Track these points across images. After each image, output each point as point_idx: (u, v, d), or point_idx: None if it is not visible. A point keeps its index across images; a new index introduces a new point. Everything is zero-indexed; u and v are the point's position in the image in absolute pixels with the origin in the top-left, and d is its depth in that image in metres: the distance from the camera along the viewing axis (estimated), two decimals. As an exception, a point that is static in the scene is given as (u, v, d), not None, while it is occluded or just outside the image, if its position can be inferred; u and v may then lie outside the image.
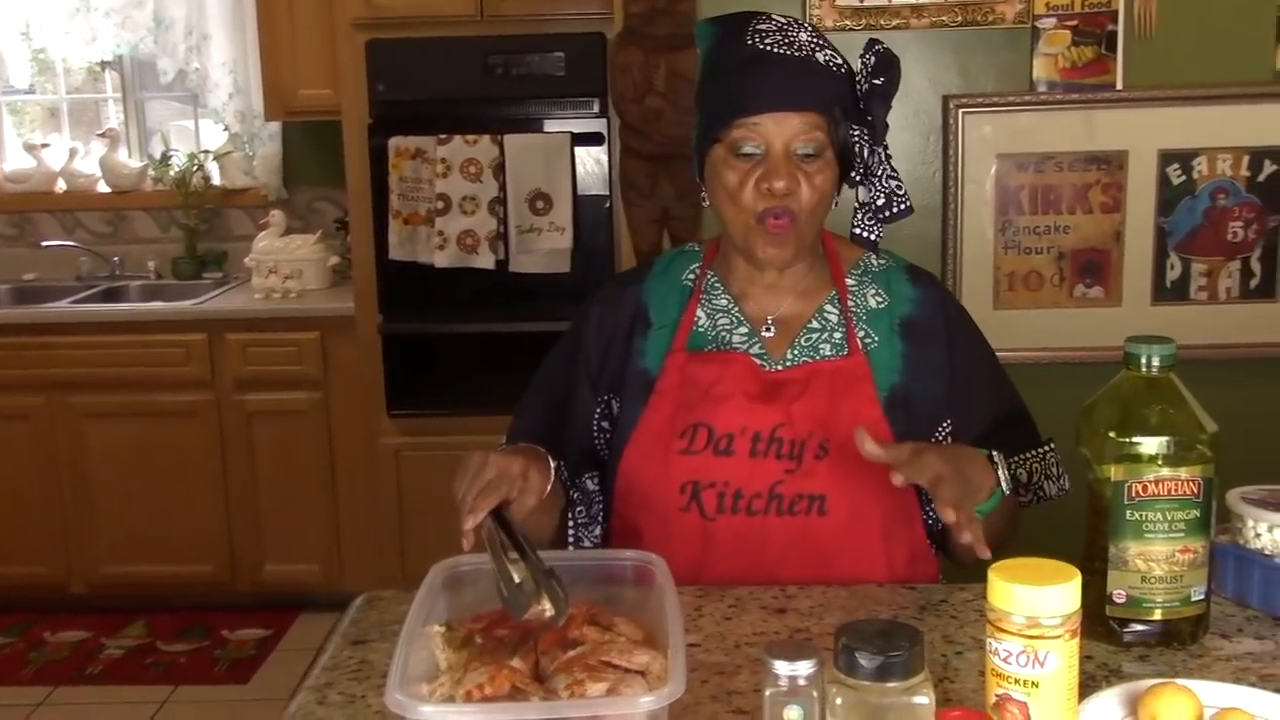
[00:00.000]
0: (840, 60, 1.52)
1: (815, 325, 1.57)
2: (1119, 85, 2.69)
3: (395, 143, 3.41)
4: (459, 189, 3.38)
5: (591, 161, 3.45)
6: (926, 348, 1.57)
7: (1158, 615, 1.28)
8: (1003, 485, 1.39)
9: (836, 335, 1.56)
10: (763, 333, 1.57)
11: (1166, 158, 2.72)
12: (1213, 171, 2.72)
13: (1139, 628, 1.29)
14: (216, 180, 4.38)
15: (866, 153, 1.49)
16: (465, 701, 1.06)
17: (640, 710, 1.03)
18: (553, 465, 1.43)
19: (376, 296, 3.55)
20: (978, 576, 1.11)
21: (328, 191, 4.30)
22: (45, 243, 4.34)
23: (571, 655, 1.12)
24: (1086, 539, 1.31)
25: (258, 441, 3.83)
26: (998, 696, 1.01)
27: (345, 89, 3.51)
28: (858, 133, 1.49)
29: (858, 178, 1.52)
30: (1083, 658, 1.06)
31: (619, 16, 2.84)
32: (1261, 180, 2.72)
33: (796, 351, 1.56)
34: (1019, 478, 1.58)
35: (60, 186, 4.44)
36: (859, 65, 1.51)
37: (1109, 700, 1.12)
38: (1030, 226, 2.76)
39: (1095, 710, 1.10)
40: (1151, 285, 2.77)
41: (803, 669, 0.98)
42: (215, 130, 4.38)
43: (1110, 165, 2.73)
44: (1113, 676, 1.23)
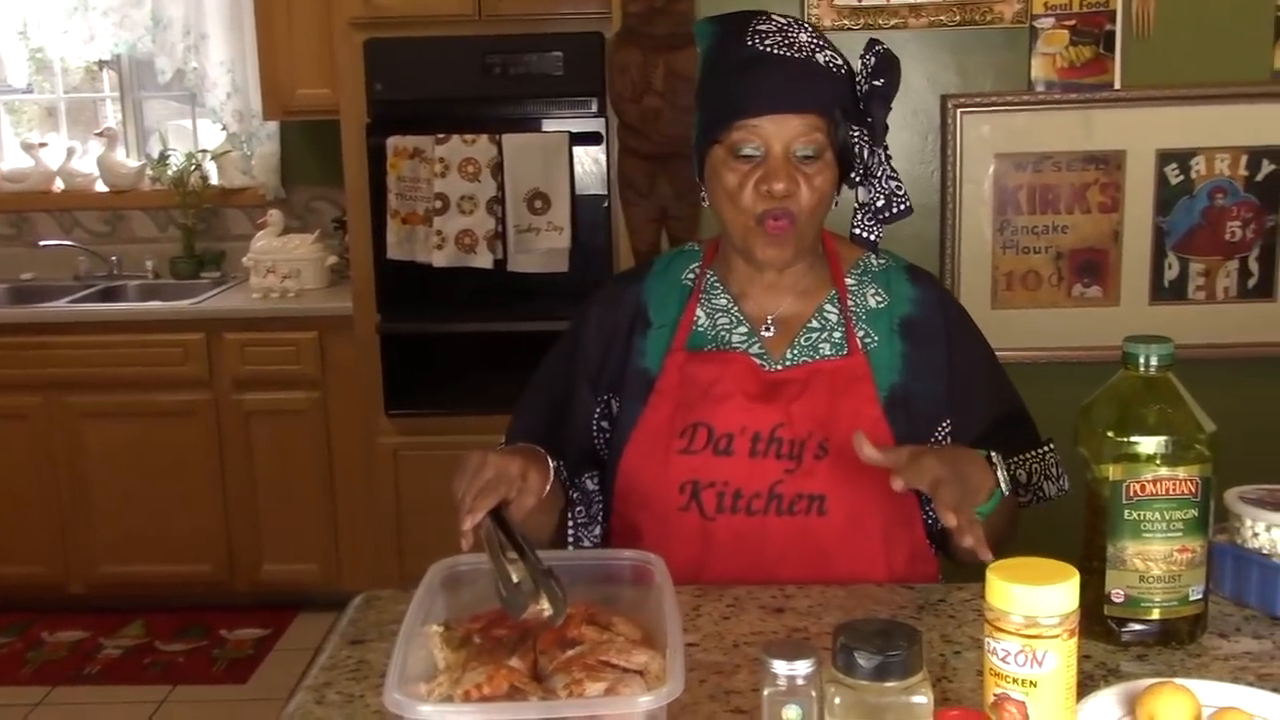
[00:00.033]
0: (841, 61, 1.51)
1: (815, 325, 1.57)
2: (1117, 85, 2.69)
3: (393, 142, 3.41)
4: (457, 188, 3.37)
5: (590, 161, 3.45)
6: (926, 347, 1.57)
7: (1156, 615, 1.28)
8: (1002, 486, 1.40)
9: (836, 335, 1.56)
10: (762, 332, 1.57)
11: (1164, 157, 2.72)
12: (1211, 171, 2.72)
13: (1137, 627, 1.29)
14: (214, 180, 4.37)
15: (866, 154, 1.49)
16: (463, 701, 1.06)
17: (639, 710, 1.02)
18: (552, 465, 1.43)
19: (374, 296, 3.55)
20: (976, 576, 1.11)
21: (326, 191, 4.30)
22: (43, 242, 4.34)
23: (570, 655, 1.12)
24: (1084, 538, 1.31)
25: (256, 441, 3.83)
26: (996, 696, 1.02)
27: (343, 88, 3.51)
28: (857, 134, 1.49)
29: (857, 178, 1.52)
30: (1081, 657, 1.06)
31: (617, 16, 2.84)
32: (1259, 180, 2.72)
33: (796, 351, 1.56)
34: (1018, 478, 1.58)
35: (58, 186, 4.44)
36: (859, 66, 1.51)
37: (1107, 700, 1.12)
38: (1028, 226, 2.76)
39: (1093, 710, 1.10)
40: (1149, 285, 2.77)
41: (801, 668, 0.98)
42: (213, 130, 4.37)
43: (1108, 165, 2.73)
44: (1111, 676, 1.23)
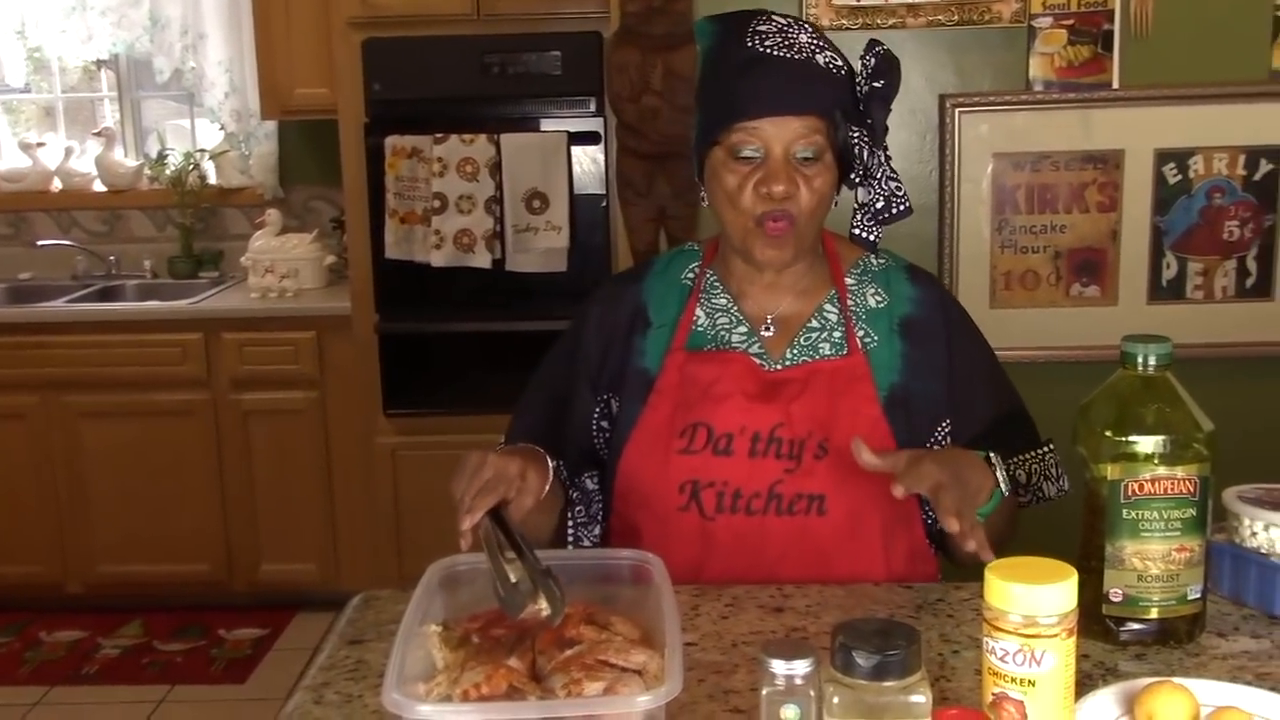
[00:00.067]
0: (841, 62, 1.51)
1: (815, 325, 1.57)
2: (1115, 84, 2.69)
3: (391, 142, 3.41)
4: (455, 188, 3.37)
5: (588, 160, 3.45)
6: (926, 347, 1.57)
7: (1154, 614, 1.28)
8: (1001, 487, 1.39)
9: (836, 335, 1.56)
10: (762, 332, 1.57)
11: (1163, 157, 2.73)
12: (1209, 170, 2.73)
13: (1135, 626, 1.29)
14: (212, 179, 4.37)
15: (866, 155, 1.49)
16: (462, 701, 1.06)
17: (637, 709, 1.02)
18: (551, 465, 1.43)
19: (373, 296, 3.55)
20: (975, 575, 1.11)
21: (324, 190, 4.30)
22: (41, 242, 4.33)
23: (568, 654, 1.12)
24: (1083, 538, 1.31)
25: (254, 441, 3.83)
26: (994, 695, 1.02)
27: (341, 88, 3.50)
28: (857, 135, 1.48)
29: (857, 179, 1.52)
30: (1079, 656, 1.06)
31: (615, 15, 2.84)
32: (1257, 179, 2.73)
33: (796, 351, 1.56)
34: (1018, 479, 1.58)
35: (56, 185, 4.43)
36: (859, 66, 1.50)
37: (1105, 699, 1.12)
38: (1027, 226, 2.76)
39: (1092, 709, 1.10)
40: (1148, 284, 2.78)
41: (799, 668, 0.98)
42: (211, 129, 4.37)
43: (1106, 164, 2.73)
44: (1109, 675, 1.23)
